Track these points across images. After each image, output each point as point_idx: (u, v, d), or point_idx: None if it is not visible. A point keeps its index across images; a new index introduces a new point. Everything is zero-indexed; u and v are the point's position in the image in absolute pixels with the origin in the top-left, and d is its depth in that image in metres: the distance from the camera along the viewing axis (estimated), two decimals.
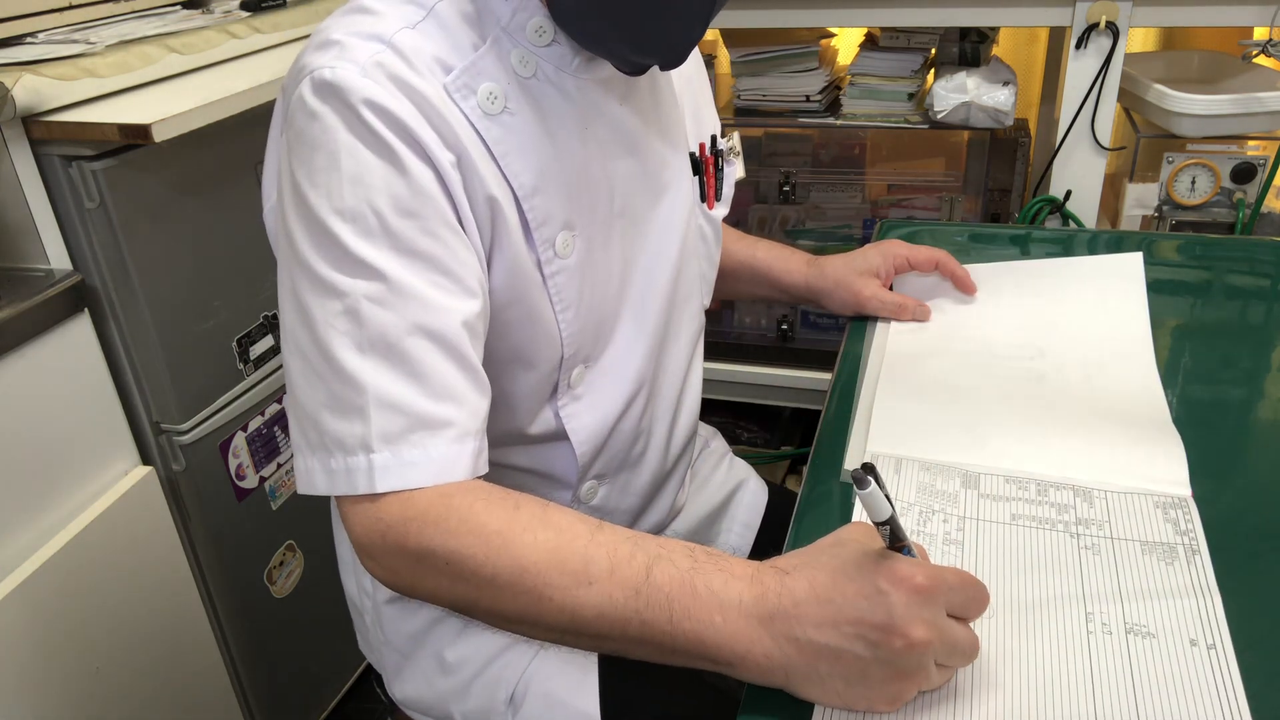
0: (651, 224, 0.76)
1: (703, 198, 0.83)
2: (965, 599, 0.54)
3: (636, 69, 0.70)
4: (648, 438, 0.81)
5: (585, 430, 0.75)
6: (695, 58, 0.86)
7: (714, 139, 0.85)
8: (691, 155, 0.81)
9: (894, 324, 0.94)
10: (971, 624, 0.55)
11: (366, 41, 0.62)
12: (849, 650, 0.53)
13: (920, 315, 0.95)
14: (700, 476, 0.96)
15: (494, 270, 0.66)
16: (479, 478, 0.63)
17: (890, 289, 0.98)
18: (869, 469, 0.53)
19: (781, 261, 1.01)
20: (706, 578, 0.56)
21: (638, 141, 0.73)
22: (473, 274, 0.63)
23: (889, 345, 0.90)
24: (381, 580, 0.62)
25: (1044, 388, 0.82)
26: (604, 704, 0.75)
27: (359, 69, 0.60)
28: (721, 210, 0.86)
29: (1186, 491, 0.69)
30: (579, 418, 0.75)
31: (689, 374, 0.85)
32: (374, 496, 0.60)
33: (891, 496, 0.60)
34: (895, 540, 0.55)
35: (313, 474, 0.62)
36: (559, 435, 0.75)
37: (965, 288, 0.97)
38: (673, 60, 0.66)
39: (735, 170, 0.89)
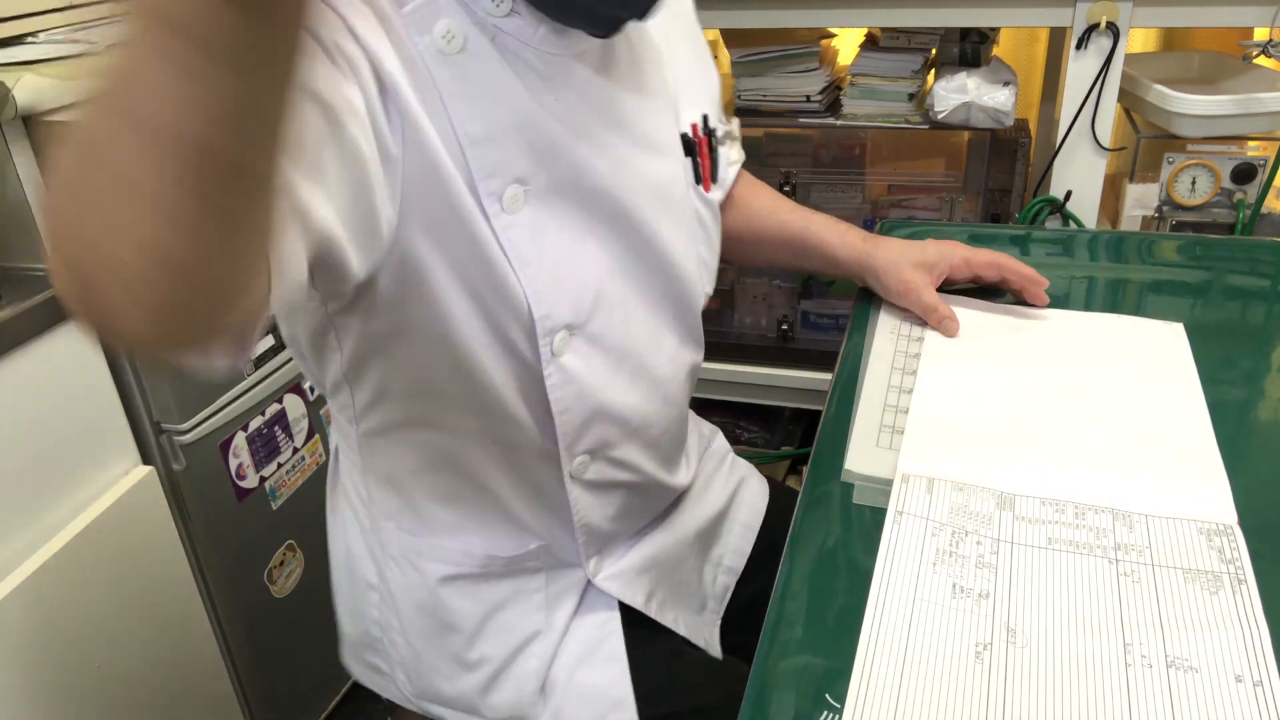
0: (640, 205, 0.73)
1: (697, 180, 0.80)
2: None
3: (608, 26, 0.66)
4: (642, 415, 0.79)
5: (568, 400, 0.73)
6: (687, 30, 0.83)
7: (705, 119, 0.82)
8: (684, 136, 0.78)
9: (928, 340, 0.91)
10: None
11: None
12: None
13: (947, 329, 0.92)
14: (703, 476, 0.96)
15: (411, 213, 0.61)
16: None
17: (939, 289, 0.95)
18: None
19: (837, 235, 0.99)
20: None
21: (618, 118, 0.71)
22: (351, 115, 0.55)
23: (922, 361, 0.87)
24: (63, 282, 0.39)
25: (1084, 406, 0.79)
26: (636, 690, 0.75)
27: None
28: (718, 194, 0.84)
29: (1233, 519, 0.67)
30: (564, 388, 0.73)
31: (684, 357, 0.83)
32: None
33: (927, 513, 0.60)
34: None
35: None
36: (544, 404, 0.73)
37: (1034, 295, 0.94)
38: (643, 5, 0.63)
39: (731, 153, 0.85)
